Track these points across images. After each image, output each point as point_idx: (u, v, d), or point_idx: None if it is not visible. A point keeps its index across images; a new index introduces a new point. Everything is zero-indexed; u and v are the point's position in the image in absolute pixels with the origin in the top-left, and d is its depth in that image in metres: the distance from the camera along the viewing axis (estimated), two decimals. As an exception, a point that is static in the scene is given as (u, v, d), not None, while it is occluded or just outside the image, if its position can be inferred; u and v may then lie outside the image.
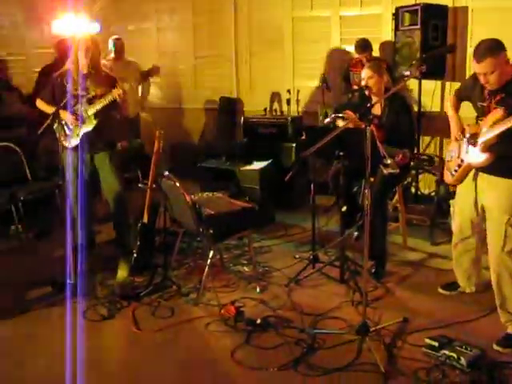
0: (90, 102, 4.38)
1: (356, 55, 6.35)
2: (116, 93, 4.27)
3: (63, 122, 4.44)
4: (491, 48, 3.17)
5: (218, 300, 3.86)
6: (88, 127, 4.40)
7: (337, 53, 6.91)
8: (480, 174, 3.46)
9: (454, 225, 3.85)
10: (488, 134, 3.24)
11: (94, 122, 4.39)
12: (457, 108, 3.74)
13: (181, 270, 4.46)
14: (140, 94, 7.30)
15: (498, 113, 3.21)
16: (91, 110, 4.36)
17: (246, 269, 4.48)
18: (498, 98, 3.27)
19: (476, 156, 3.37)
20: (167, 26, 8.29)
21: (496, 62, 3.16)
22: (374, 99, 4.29)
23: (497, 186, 3.35)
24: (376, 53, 6.42)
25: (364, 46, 6.18)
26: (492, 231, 3.41)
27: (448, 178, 3.72)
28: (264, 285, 4.19)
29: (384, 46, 6.57)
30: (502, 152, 3.25)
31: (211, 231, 3.86)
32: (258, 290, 4.08)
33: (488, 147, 3.27)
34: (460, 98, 3.74)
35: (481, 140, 3.30)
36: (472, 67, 3.31)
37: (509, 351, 3.21)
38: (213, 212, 3.94)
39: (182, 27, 8.13)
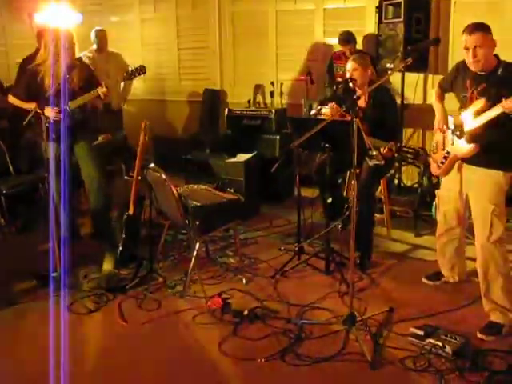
0: (73, 95, 4.33)
1: (339, 48, 6.37)
2: (100, 91, 4.26)
3: (45, 116, 4.39)
4: (483, 25, 3.26)
5: (204, 292, 3.86)
6: (70, 120, 4.35)
7: (320, 46, 6.91)
8: (465, 164, 3.50)
9: (439, 215, 3.88)
10: (472, 124, 3.28)
11: (77, 115, 4.36)
12: (442, 99, 3.78)
13: (167, 263, 4.45)
14: (122, 87, 7.24)
15: (480, 103, 3.25)
16: (73, 105, 4.32)
17: (232, 260, 4.48)
18: (479, 88, 3.30)
19: (462, 147, 3.41)
20: (151, 18, 8.21)
21: (485, 38, 3.22)
22: (359, 92, 4.31)
23: (482, 177, 3.39)
24: (360, 46, 6.44)
25: (347, 38, 6.19)
26: (478, 221, 3.44)
27: (435, 169, 3.75)
28: (250, 276, 4.20)
29: (367, 38, 6.59)
30: (487, 142, 3.28)
31: (197, 223, 3.85)
32: (244, 281, 4.09)
33: (473, 138, 3.31)
34: (444, 89, 3.78)
35: (465, 131, 3.35)
36: (463, 42, 3.30)
37: (492, 339, 3.27)
38: (199, 204, 3.94)
39: (165, 19, 8.06)
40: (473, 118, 3.28)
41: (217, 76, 7.80)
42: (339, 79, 5.53)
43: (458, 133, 3.42)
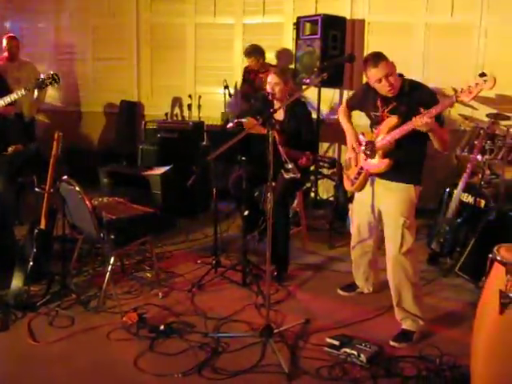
0: None
1: (252, 64, 6.43)
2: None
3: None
4: (380, 54, 3.36)
5: (119, 307, 3.77)
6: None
7: (239, 60, 6.97)
8: (377, 179, 3.60)
9: (353, 228, 3.98)
10: (385, 140, 3.40)
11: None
12: (349, 117, 3.89)
13: (80, 278, 4.32)
14: (35, 97, 6.99)
15: (392, 120, 3.37)
16: None
17: (148, 275, 4.40)
18: (390, 107, 3.43)
19: (375, 163, 3.51)
20: (65, 27, 7.99)
21: (389, 64, 3.33)
22: (277, 105, 4.37)
23: (393, 191, 3.50)
24: (276, 61, 6.56)
25: (248, 51, 6.29)
26: (389, 234, 3.54)
27: (348, 186, 3.83)
28: (167, 290, 4.14)
29: (280, 54, 6.73)
30: (399, 158, 3.41)
31: (112, 237, 3.76)
32: (160, 295, 4.03)
33: (386, 154, 3.43)
34: (352, 107, 3.90)
35: (378, 147, 3.46)
36: (370, 76, 3.40)
37: (404, 346, 3.39)
38: (113, 217, 3.86)
39: (81, 28, 7.88)
40: (386, 135, 3.40)
41: (134, 88, 7.70)
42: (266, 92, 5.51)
43: (369, 149, 3.53)
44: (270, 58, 6.77)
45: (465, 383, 2.80)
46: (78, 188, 3.71)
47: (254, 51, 6.29)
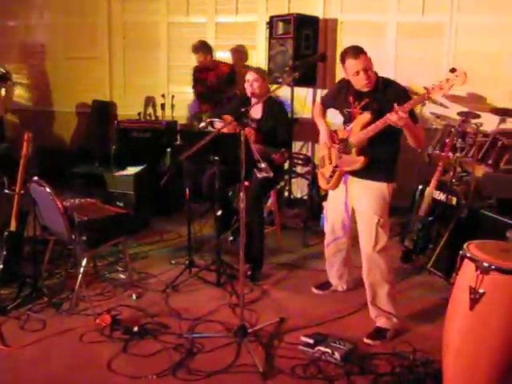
0: None
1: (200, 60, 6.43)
2: None
3: None
4: (359, 48, 3.35)
5: (92, 309, 3.72)
6: None
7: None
8: (350, 177, 3.60)
9: (327, 226, 3.99)
10: (358, 137, 3.39)
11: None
12: (323, 115, 3.89)
13: (52, 280, 4.25)
14: (3, 95, 6.89)
15: (365, 117, 3.37)
16: None
17: (121, 276, 4.37)
18: (362, 103, 3.42)
19: (349, 161, 3.50)
20: (37, 25, 7.88)
21: (368, 58, 3.33)
22: (255, 102, 4.36)
23: (367, 189, 3.51)
24: (250, 59, 6.56)
25: (195, 47, 6.29)
26: (363, 232, 3.55)
27: (323, 184, 3.82)
28: (140, 292, 4.10)
29: (234, 52, 6.84)
30: (372, 155, 3.41)
31: (84, 238, 3.71)
32: (134, 297, 4.00)
33: (360, 151, 3.43)
34: (326, 105, 3.90)
35: (352, 144, 3.45)
36: (348, 68, 3.36)
37: (378, 343, 3.41)
38: (85, 218, 3.81)
39: (51, 27, 7.78)
40: (359, 132, 3.39)
41: (106, 87, 7.63)
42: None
43: (343, 146, 3.53)
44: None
45: (437, 378, 2.84)
46: (48, 189, 3.66)
47: (202, 47, 6.28)
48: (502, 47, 5.93)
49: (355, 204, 3.64)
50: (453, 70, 3.04)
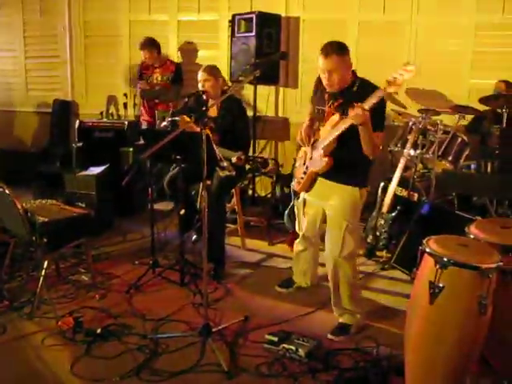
0: None
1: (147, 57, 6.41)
2: None
3: None
4: (339, 47, 3.25)
5: (54, 312, 3.66)
6: None
7: (174, 57, 6.90)
8: (321, 179, 3.54)
9: (298, 225, 3.99)
10: (327, 139, 3.35)
11: None
12: (311, 114, 3.74)
13: (13, 283, 4.16)
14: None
15: (334, 118, 3.32)
16: None
17: (84, 277, 4.30)
18: (336, 104, 3.37)
19: (318, 161, 3.46)
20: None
21: (340, 61, 3.23)
22: (211, 102, 4.35)
23: (338, 193, 3.45)
24: (214, 58, 6.54)
25: (141, 44, 6.28)
26: (331, 236, 3.52)
27: (296, 184, 3.75)
28: (104, 293, 4.06)
29: (181, 50, 6.88)
30: (343, 158, 3.36)
31: (45, 240, 3.66)
32: (97, 298, 3.95)
33: (328, 152, 3.38)
34: (312, 103, 3.73)
35: (320, 145, 3.42)
36: (319, 64, 3.31)
37: (341, 339, 3.44)
38: (46, 219, 3.75)
39: (10, 25, 7.63)
40: (328, 133, 3.35)
41: (67, 86, 7.52)
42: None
43: (315, 147, 3.51)
44: (206, 55, 6.78)
45: (400, 371, 2.87)
46: (7, 190, 3.59)
47: (149, 44, 6.26)
48: (461, 46, 6.05)
49: (325, 206, 3.58)
50: (406, 64, 3.06)
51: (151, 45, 6.27)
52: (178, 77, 6.39)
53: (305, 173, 3.61)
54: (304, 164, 3.65)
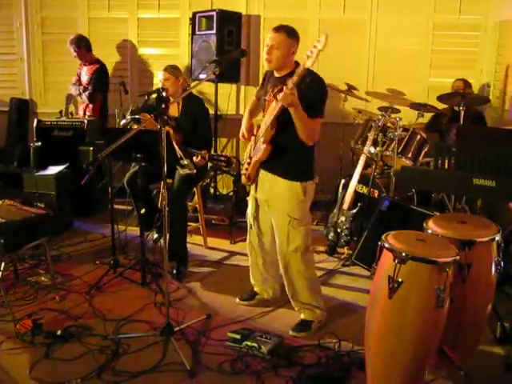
0: None
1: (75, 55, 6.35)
2: None
3: None
4: (291, 30, 3.29)
5: (12, 315, 3.58)
6: None
7: (134, 55, 6.85)
8: (264, 172, 3.49)
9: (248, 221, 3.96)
10: (264, 125, 3.33)
11: None
12: (250, 106, 3.75)
13: (-32, 287, 4.08)
14: None
15: (273, 105, 3.27)
16: None
17: (43, 279, 4.23)
18: (276, 90, 3.31)
19: (259, 150, 3.40)
20: None
21: (286, 42, 3.24)
22: (172, 100, 4.32)
23: (279, 187, 3.41)
24: (176, 57, 6.50)
25: (69, 40, 6.22)
26: (277, 231, 3.52)
27: (243, 178, 3.68)
28: (64, 294, 3.99)
29: (119, 48, 6.82)
30: (280, 144, 3.32)
31: (2, 241, 3.58)
32: (57, 299, 3.88)
33: (268, 140, 3.32)
34: (256, 96, 3.74)
35: (261, 134, 3.39)
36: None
37: (303, 335, 3.47)
38: (3, 220, 3.68)
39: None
40: (267, 120, 3.32)
41: (25, 85, 7.34)
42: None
43: (258, 137, 3.47)
44: (166, 53, 6.73)
45: (362, 366, 2.91)
46: (-39, 191, 3.51)
47: (75, 41, 6.20)
48: (420, 46, 6.16)
49: (269, 201, 3.53)
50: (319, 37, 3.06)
51: (78, 41, 6.18)
52: (101, 75, 6.30)
53: (249, 163, 3.54)
54: (250, 156, 3.58)
